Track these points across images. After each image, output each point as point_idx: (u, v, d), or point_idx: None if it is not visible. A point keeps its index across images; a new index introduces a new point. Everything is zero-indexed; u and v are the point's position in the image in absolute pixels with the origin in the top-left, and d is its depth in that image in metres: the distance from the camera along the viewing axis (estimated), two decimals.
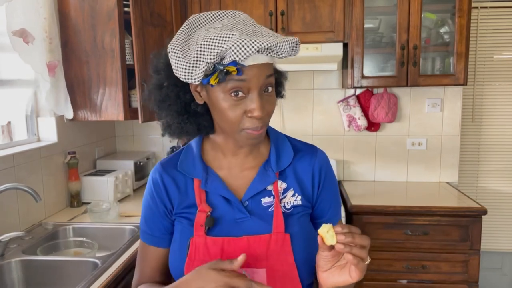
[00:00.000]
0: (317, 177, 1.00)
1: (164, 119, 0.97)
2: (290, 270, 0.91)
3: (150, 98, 0.96)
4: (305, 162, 1.00)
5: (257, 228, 0.93)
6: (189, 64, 0.84)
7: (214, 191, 0.96)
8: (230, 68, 0.82)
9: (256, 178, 0.97)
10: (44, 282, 1.63)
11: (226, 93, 0.86)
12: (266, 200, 0.96)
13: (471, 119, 2.94)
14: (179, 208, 0.98)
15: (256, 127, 0.88)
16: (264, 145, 1.02)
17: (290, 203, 0.97)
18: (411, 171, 2.87)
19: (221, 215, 0.95)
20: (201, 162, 0.99)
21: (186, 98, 0.93)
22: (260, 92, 0.87)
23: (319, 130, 2.89)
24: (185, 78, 0.86)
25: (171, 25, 2.45)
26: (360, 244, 0.78)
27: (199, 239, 0.92)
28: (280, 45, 0.83)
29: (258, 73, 0.85)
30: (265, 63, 0.86)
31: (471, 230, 2.27)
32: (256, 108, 0.85)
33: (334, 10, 2.45)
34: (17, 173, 1.90)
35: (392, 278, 2.36)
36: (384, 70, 2.62)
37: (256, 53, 0.82)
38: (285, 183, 0.98)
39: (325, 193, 1.01)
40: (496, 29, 2.85)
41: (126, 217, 2.13)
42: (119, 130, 3.01)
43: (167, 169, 1.00)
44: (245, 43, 0.80)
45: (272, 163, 0.98)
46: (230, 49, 0.80)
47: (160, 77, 0.94)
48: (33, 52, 1.89)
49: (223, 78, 0.83)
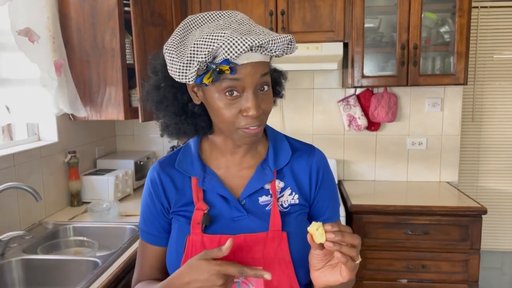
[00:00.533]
0: (314, 176, 1.00)
1: (162, 120, 0.97)
2: (287, 268, 0.92)
3: (148, 98, 0.96)
4: (303, 161, 1.01)
5: (254, 227, 0.93)
6: (183, 64, 0.84)
7: (211, 189, 0.96)
8: (223, 67, 0.81)
9: (254, 176, 0.97)
10: (45, 282, 1.63)
11: (220, 92, 0.85)
12: (263, 198, 0.96)
13: (471, 119, 2.94)
14: (176, 207, 0.98)
15: (252, 126, 0.87)
16: (262, 144, 1.02)
17: (287, 202, 0.97)
18: (411, 171, 2.87)
19: (218, 214, 0.95)
20: (199, 161, 0.99)
21: (184, 99, 0.94)
22: (255, 91, 0.86)
23: (319, 129, 2.89)
24: (179, 78, 0.87)
25: (171, 24, 2.45)
26: (350, 243, 0.78)
27: (196, 237, 0.93)
28: (273, 43, 0.82)
29: (252, 72, 0.84)
30: (260, 62, 0.85)
31: (471, 230, 2.28)
32: (251, 107, 0.85)
33: (335, 10, 2.45)
34: (17, 173, 1.90)
35: (392, 277, 2.36)
36: (384, 70, 2.62)
37: (248, 52, 0.82)
38: (283, 182, 0.98)
39: (322, 192, 1.01)
40: (496, 29, 2.85)
41: (126, 216, 2.13)
42: (119, 130, 3.01)
43: (165, 168, 1.01)
44: (235, 41, 0.79)
45: (270, 162, 0.98)
46: (221, 47, 0.80)
47: (157, 78, 0.94)
48: (38, 51, 1.89)
49: (216, 78, 0.83)
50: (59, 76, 2.05)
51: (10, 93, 1.88)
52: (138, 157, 2.74)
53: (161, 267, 1.03)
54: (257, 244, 0.91)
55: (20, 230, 1.87)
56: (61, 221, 2.04)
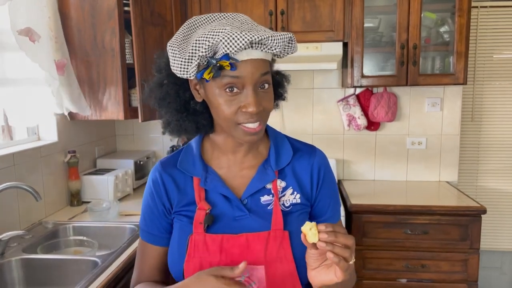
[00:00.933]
0: (315, 176, 1.01)
1: (164, 117, 0.98)
2: (289, 267, 0.92)
3: (151, 95, 0.97)
4: (304, 161, 1.01)
5: (256, 226, 0.93)
6: (184, 60, 0.86)
7: (213, 189, 0.97)
8: (223, 62, 0.83)
9: (256, 176, 0.98)
10: (44, 281, 1.63)
11: (221, 88, 0.87)
12: (265, 198, 0.97)
13: (471, 119, 2.94)
14: (178, 207, 0.98)
15: (252, 123, 0.88)
16: (263, 144, 1.03)
17: (289, 201, 0.98)
18: (410, 170, 2.87)
19: (220, 213, 0.95)
20: (200, 161, 1.00)
21: (186, 96, 0.95)
22: (255, 88, 0.87)
23: (319, 129, 2.89)
24: (181, 73, 0.88)
25: (171, 24, 2.45)
26: (343, 244, 0.78)
27: (198, 237, 0.93)
28: (272, 39, 0.84)
29: (253, 69, 0.85)
30: (260, 59, 0.87)
31: (470, 229, 2.28)
32: (251, 103, 0.86)
33: (334, 10, 2.45)
34: (17, 172, 1.90)
35: (392, 277, 2.36)
36: (384, 70, 2.62)
37: (249, 48, 0.84)
38: (284, 182, 0.99)
39: (323, 192, 1.02)
40: (496, 29, 2.85)
41: (126, 216, 2.13)
42: (119, 129, 3.01)
43: (167, 168, 1.01)
44: (235, 36, 0.81)
45: (272, 162, 0.99)
46: (221, 41, 0.81)
47: (161, 75, 0.96)
48: (39, 51, 1.89)
49: (217, 73, 0.84)
50: (61, 76, 2.05)
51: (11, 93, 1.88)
52: (138, 156, 2.74)
53: (161, 267, 1.03)
54: (259, 243, 0.92)
55: (20, 229, 1.87)
56: (61, 220, 2.04)
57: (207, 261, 0.92)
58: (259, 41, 0.83)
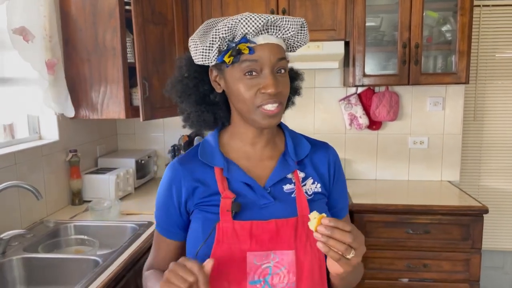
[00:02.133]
0: (332, 168, 1.06)
1: (184, 110, 1.03)
2: (319, 252, 0.95)
3: (172, 90, 1.03)
4: (321, 154, 1.07)
5: (282, 212, 0.96)
6: (206, 47, 0.93)
7: (236, 178, 0.99)
8: (242, 45, 0.90)
9: (277, 166, 1.01)
10: (45, 280, 1.63)
11: (241, 73, 0.92)
12: (287, 187, 1.00)
13: (473, 118, 2.93)
14: (199, 198, 1.00)
15: (271, 104, 0.93)
16: (279, 138, 1.08)
17: (311, 190, 1.02)
18: (412, 170, 2.86)
19: (246, 201, 0.97)
20: (220, 153, 1.02)
21: (205, 89, 1.01)
22: (273, 71, 0.93)
23: (321, 128, 2.89)
24: (203, 60, 0.94)
25: (172, 23, 2.45)
26: (340, 239, 0.80)
27: (227, 224, 0.94)
28: (287, 21, 0.92)
29: (270, 53, 0.92)
30: (276, 45, 0.94)
31: (472, 229, 2.27)
32: (269, 84, 0.91)
33: (336, 8, 2.44)
34: (18, 171, 1.90)
35: (393, 276, 2.36)
36: (385, 69, 2.61)
37: (265, 33, 0.92)
38: (303, 173, 1.03)
39: (337, 185, 1.07)
40: (498, 28, 2.84)
41: (127, 215, 2.13)
42: (121, 128, 3.01)
43: (185, 164, 1.04)
44: (252, 16, 0.90)
45: (291, 153, 1.03)
46: (240, 22, 0.89)
47: (182, 71, 1.02)
48: (32, 50, 1.89)
49: (236, 58, 0.91)
50: (51, 75, 2.04)
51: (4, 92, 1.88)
52: (139, 155, 2.74)
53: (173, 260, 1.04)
54: (288, 229, 0.95)
55: (21, 228, 1.87)
56: (62, 219, 2.05)
57: (237, 247, 0.94)
58: (274, 23, 0.91)
